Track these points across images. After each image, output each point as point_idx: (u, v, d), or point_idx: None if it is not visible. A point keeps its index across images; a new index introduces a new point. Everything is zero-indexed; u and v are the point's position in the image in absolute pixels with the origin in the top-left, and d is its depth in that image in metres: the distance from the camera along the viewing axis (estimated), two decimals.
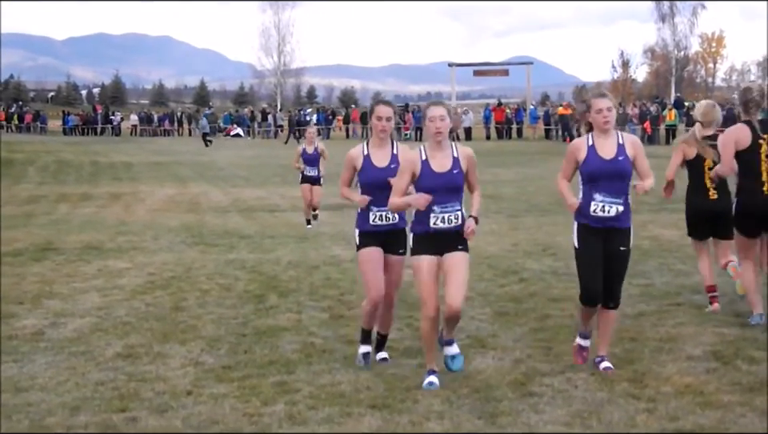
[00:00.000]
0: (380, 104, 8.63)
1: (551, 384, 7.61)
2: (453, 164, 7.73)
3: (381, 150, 8.49)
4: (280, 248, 16.11)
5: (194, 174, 37.32)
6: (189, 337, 9.63)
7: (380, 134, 8.43)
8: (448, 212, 7.67)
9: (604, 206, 7.88)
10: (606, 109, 7.90)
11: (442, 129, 7.73)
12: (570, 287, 11.74)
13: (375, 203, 8.32)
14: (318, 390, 7.66)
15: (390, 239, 8.44)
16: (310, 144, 19.68)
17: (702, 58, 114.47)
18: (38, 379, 8.18)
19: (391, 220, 8.38)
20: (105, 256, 15.33)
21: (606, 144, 7.94)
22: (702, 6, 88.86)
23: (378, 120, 8.43)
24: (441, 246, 7.71)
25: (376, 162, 8.41)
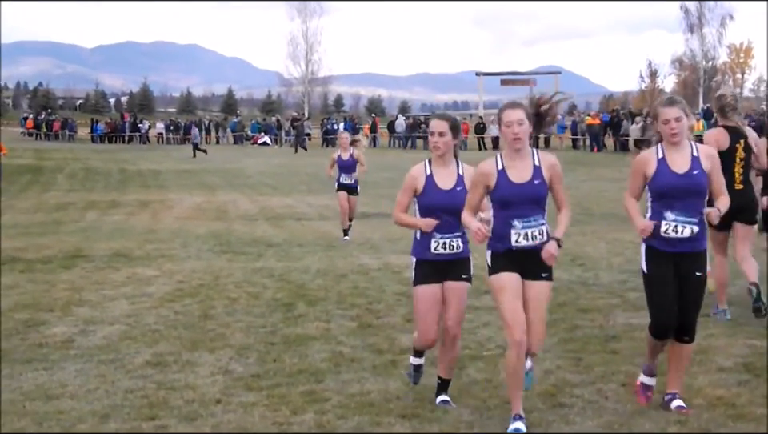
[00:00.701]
0: (434, 118, 7.69)
1: (581, 395, 7.57)
2: (534, 173, 6.89)
3: (445, 169, 7.53)
4: (308, 257, 16.12)
5: (221, 183, 37.44)
6: (218, 345, 9.64)
7: (433, 151, 7.49)
8: (531, 227, 6.85)
9: (677, 226, 7.07)
10: (674, 119, 7.07)
11: (520, 134, 6.87)
12: (598, 297, 11.72)
13: (438, 229, 7.41)
14: (347, 399, 7.65)
15: (452, 267, 7.56)
16: (345, 150, 18.92)
17: (730, 68, 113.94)
18: (68, 386, 8.21)
19: (455, 249, 7.51)
20: (133, 264, 15.38)
21: (679, 157, 7.08)
22: (731, 17, 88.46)
23: (431, 135, 7.54)
24: (523, 267, 6.90)
25: (440, 184, 7.46)
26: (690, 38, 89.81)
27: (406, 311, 11.15)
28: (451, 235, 7.42)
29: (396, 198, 7.63)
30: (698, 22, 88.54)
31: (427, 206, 7.44)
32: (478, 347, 9.37)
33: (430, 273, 7.46)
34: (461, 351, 8.86)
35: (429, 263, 7.46)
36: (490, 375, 8.30)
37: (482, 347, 9.33)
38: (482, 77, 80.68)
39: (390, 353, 9.19)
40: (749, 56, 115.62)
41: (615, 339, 9.53)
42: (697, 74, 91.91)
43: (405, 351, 9.22)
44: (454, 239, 7.47)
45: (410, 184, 7.49)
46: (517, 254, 6.87)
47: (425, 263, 7.47)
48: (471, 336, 9.82)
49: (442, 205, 7.38)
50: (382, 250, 16.89)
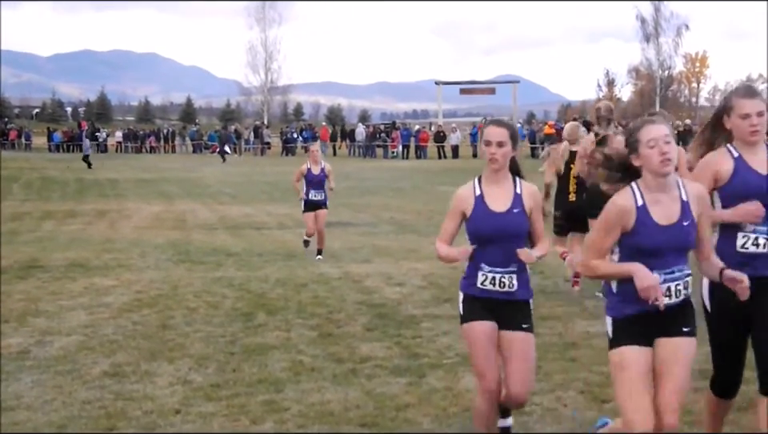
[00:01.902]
0: (490, 125, 6.26)
1: (541, 403, 7.61)
2: (682, 211, 5.34)
3: (498, 188, 6.17)
4: (268, 266, 16.09)
5: (180, 192, 37.27)
6: (176, 355, 9.59)
7: (491, 165, 6.12)
8: (676, 280, 5.39)
9: (757, 238, 5.80)
10: (755, 114, 5.75)
11: (669, 155, 5.24)
12: (557, 305, 11.78)
13: (487, 260, 6.09)
14: (307, 408, 7.65)
15: (507, 311, 6.16)
16: (316, 164, 16.99)
17: (686, 77, 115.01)
18: (24, 398, 8.14)
19: (507, 287, 6.10)
20: (91, 274, 15.27)
21: (757, 158, 5.84)
22: (686, 27, 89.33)
23: (486, 145, 6.15)
24: (657, 328, 5.41)
25: (492, 206, 6.12)
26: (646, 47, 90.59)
27: (366, 320, 11.17)
28: (502, 269, 6.08)
29: None
30: (655, 32, 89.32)
31: (476, 234, 6.15)
32: (437, 355, 9.39)
33: (478, 310, 6.15)
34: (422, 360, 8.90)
35: (476, 300, 6.17)
36: (449, 383, 8.32)
37: (441, 356, 9.35)
38: (441, 86, 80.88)
39: (350, 362, 9.19)
40: (704, 65, 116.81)
41: (574, 346, 9.59)
42: (653, 83, 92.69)
43: (365, 359, 9.25)
44: (507, 275, 6.10)
45: (456, 208, 6.23)
46: (654, 317, 5.37)
47: (473, 299, 6.19)
48: (431, 344, 9.84)
49: (492, 231, 6.07)
50: (343, 259, 16.88)
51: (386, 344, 9.89)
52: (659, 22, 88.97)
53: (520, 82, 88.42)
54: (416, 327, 10.73)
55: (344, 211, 26.72)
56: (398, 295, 12.81)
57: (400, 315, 11.41)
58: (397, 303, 12.23)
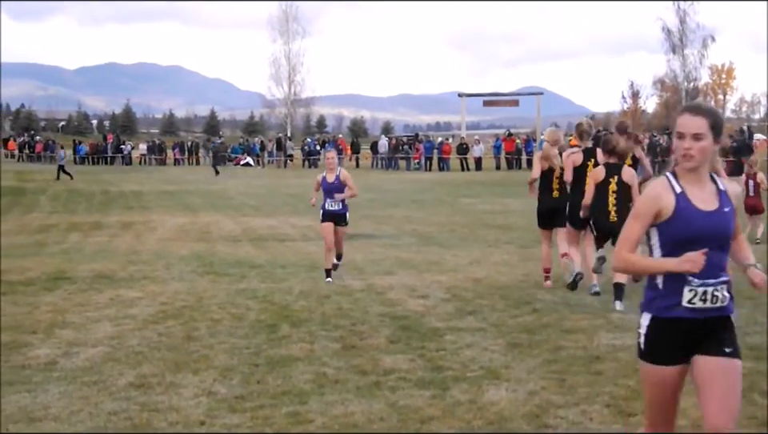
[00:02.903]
0: (685, 112, 5.11)
1: (566, 416, 7.58)
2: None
3: (699, 184, 5.17)
4: (291, 278, 16.11)
5: (204, 204, 37.38)
6: (201, 367, 9.62)
7: (684, 162, 5.08)
8: (715, 283, 5.08)
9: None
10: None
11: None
12: (582, 318, 11.73)
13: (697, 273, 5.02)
14: (331, 420, 7.65)
15: (711, 332, 5.15)
16: (332, 171, 15.89)
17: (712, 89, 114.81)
18: (52, 408, 8.18)
19: (719, 301, 5.10)
20: (117, 285, 15.34)
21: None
22: (712, 38, 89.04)
23: (679, 138, 5.13)
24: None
25: (699, 204, 5.11)
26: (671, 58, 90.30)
27: (390, 332, 11.16)
28: (714, 280, 5.09)
29: None
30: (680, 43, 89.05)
31: (684, 237, 5.09)
32: (461, 368, 9.37)
33: (670, 345, 5.19)
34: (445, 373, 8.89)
35: (672, 324, 5.17)
36: (473, 396, 8.29)
37: (465, 368, 9.33)
38: (464, 98, 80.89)
39: (373, 374, 9.18)
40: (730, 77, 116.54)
41: (599, 359, 9.55)
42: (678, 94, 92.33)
43: (388, 372, 9.24)
44: (719, 286, 5.11)
45: (650, 207, 5.17)
46: None
47: (666, 325, 5.18)
48: (454, 357, 9.83)
49: (706, 232, 5.07)
50: (366, 271, 16.89)
51: (410, 357, 9.88)
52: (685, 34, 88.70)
53: (544, 93, 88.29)
54: (439, 339, 10.72)
55: (366, 223, 26.74)
56: (422, 308, 12.80)
57: (423, 328, 11.40)
58: (420, 316, 12.22)
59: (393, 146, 69.52)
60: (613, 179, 12.73)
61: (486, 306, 12.76)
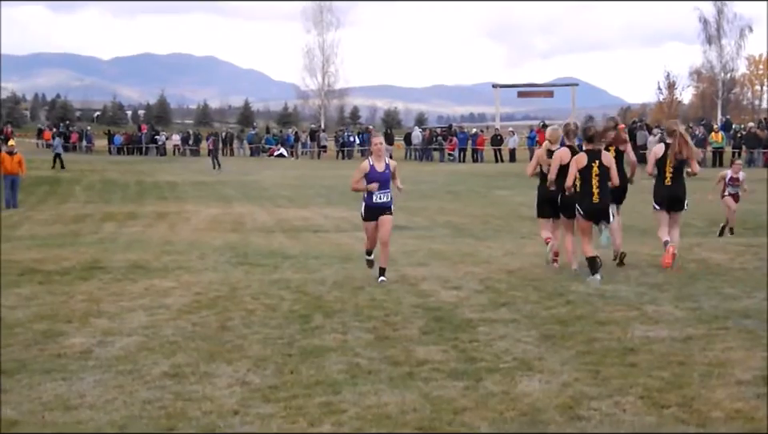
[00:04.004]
0: None
1: (599, 408, 7.57)
2: None
3: None
4: (324, 268, 16.15)
5: (238, 194, 37.57)
6: (235, 357, 9.67)
7: None
8: None
9: None
10: None
11: None
12: (616, 310, 11.70)
13: None
14: (364, 411, 7.67)
15: None
16: (380, 159, 14.39)
17: (749, 80, 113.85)
18: (87, 397, 8.25)
19: None
20: (151, 275, 15.44)
21: None
22: (749, 28, 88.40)
23: None
24: None
25: None
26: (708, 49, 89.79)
27: (423, 323, 11.17)
28: None
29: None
30: (717, 34, 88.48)
31: None
32: (494, 359, 9.37)
33: None
34: None
35: None
36: (506, 387, 8.28)
37: (498, 360, 9.33)
38: (498, 89, 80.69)
39: (406, 365, 9.20)
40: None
41: (633, 351, 9.52)
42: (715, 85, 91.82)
43: (421, 363, 9.25)
44: None
45: None
46: None
47: None
48: (487, 348, 9.82)
49: None
50: (398, 262, 16.89)
51: (443, 348, 9.89)
52: (722, 24, 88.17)
53: (579, 84, 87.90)
54: (472, 331, 10.72)
55: (400, 215, 26.75)
56: (455, 299, 12.80)
57: (456, 319, 11.40)
58: (453, 307, 12.23)
59: (427, 138, 69.42)
60: (594, 164, 14.07)
61: (520, 297, 12.74)
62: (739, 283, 13.42)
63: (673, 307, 11.78)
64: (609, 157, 14.34)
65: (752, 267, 14.99)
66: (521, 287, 13.53)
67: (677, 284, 13.44)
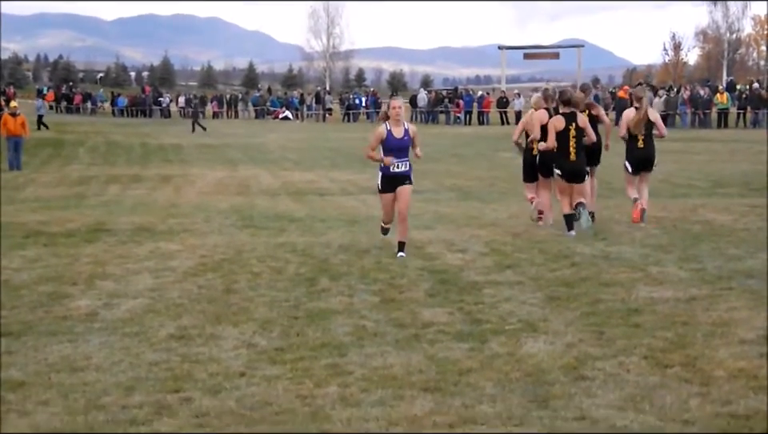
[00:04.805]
0: None
1: (603, 368, 7.63)
2: None
3: None
4: (330, 232, 16.18)
5: (243, 157, 37.56)
6: (241, 319, 9.73)
7: None
8: None
9: None
10: None
11: None
12: (621, 271, 11.75)
13: None
14: (370, 372, 7.73)
15: None
16: (398, 124, 13.24)
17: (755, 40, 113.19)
18: (93, 359, 8.31)
19: None
20: (156, 238, 15.49)
21: None
22: None
23: None
24: None
25: None
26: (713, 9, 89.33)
27: (428, 286, 11.23)
28: None
29: None
30: None
31: None
32: (499, 321, 9.43)
33: None
34: None
35: None
36: (511, 349, 8.35)
37: (503, 322, 9.39)
38: (504, 50, 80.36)
39: (412, 327, 9.26)
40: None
41: (637, 312, 9.58)
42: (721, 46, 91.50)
43: (427, 325, 9.31)
44: None
45: None
46: None
47: None
48: (493, 310, 9.88)
49: None
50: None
51: (448, 310, 9.95)
52: None
53: (585, 46, 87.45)
54: (478, 293, 10.77)
55: None
56: (460, 262, 12.84)
57: (462, 281, 11.45)
58: (459, 270, 12.27)
59: (432, 100, 69.26)
60: (572, 126, 14.98)
61: (525, 260, 12.79)
62: (743, 244, 13.48)
63: (677, 268, 11.83)
64: (584, 118, 15.31)
65: (755, 228, 15.04)
66: (526, 250, 13.58)
67: (681, 245, 13.49)
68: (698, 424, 6.30)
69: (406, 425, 6.43)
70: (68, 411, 6.86)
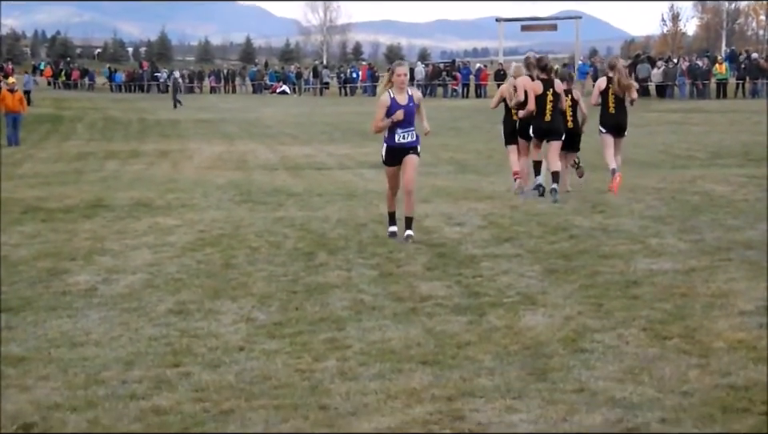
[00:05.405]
0: None
1: (602, 340, 7.63)
2: None
3: None
4: (328, 206, 16.17)
5: (241, 132, 37.53)
6: (240, 294, 9.73)
7: None
8: None
9: None
10: None
11: None
12: (619, 244, 11.73)
13: None
14: (368, 346, 7.73)
15: None
16: (402, 91, 12.50)
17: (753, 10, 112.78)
18: (92, 334, 8.33)
19: None
20: (155, 213, 15.48)
21: None
22: None
23: None
24: None
25: None
26: None
27: (426, 259, 11.22)
28: None
29: None
30: None
31: None
32: (498, 294, 9.42)
33: None
34: None
35: None
36: (510, 321, 8.35)
37: (501, 295, 9.39)
38: (502, 23, 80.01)
39: (410, 301, 9.26)
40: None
41: (636, 284, 9.57)
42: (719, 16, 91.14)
43: (425, 298, 9.31)
44: None
45: None
46: None
47: None
48: (491, 283, 9.88)
49: None
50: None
51: (446, 283, 9.95)
52: None
53: (582, 17, 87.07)
54: (476, 266, 10.77)
55: None
56: (458, 235, 12.83)
57: (460, 255, 11.45)
58: (457, 243, 12.26)
59: (430, 74, 69.06)
60: (549, 92, 16.10)
61: (523, 232, 12.78)
62: (742, 215, 13.46)
63: (676, 239, 11.82)
64: (560, 85, 16.41)
65: (754, 199, 15.01)
66: (524, 222, 13.56)
67: (680, 217, 13.47)
68: (696, 396, 6.30)
69: (405, 398, 6.43)
70: (68, 386, 6.87)
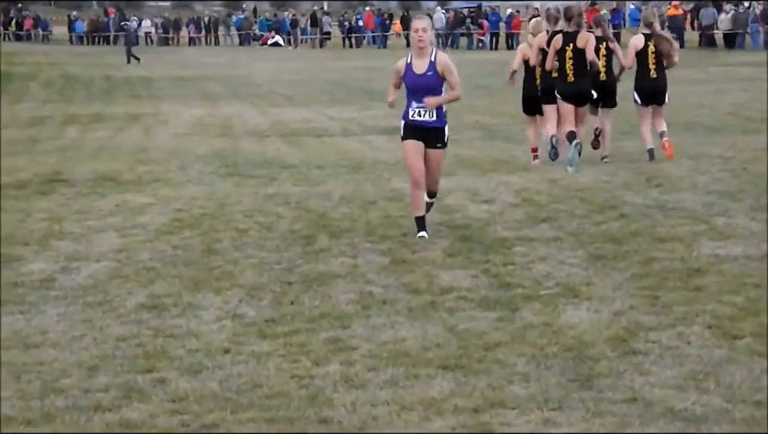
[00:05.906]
0: None
1: (659, 340, 7.59)
2: None
3: None
4: (330, 180, 16.16)
5: (225, 92, 37.52)
6: (224, 285, 9.72)
7: None
8: None
9: None
10: None
11: None
12: (680, 224, 11.71)
13: None
14: (378, 348, 7.71)
15: None
16: (422, 55, 11.36)
17: None
18: (50, 333, 8.31)
19: None
20: (123, 189, 15.49)
21: None
22: None
23: None
24: None
25: None
26: None
27: (447, 243, 11.20)
28: None
29: None
30: None
31: None
32: (533, 285, 9.40)
33: None
34: None
35: None
36: (547, 318, 8.32)
37: (538, 286, 9.37)
38: None
39: (428, 294, 9.24)
40: None
41: (699, 273, 9.54)
42: None
43: (446, 290, 9.29)
44: None
45: None
46: None
47: None
48: (525, 272, 9.86)
49: None
50: None
51: (471, 272, 9.92)
52: None
53: None
54: (507, 251, 10.75)
55: None
56: (486, 215, 12.82)
57: (488, 238, 11.43)
58: (484, 224, 12.25)
59: (451, 22, 68.84)
60: (569, 47, 16.01)
61: (563, 211, 12.75)
62: None
63: (748, 219, 11.78)
64: (584, 39, 16.17)
65: None
66: (565, 199, 13.54)
67: (752, 192, 13.42)
68: None
69: (422, 410, 6.41)
70: (20, 396, 6.85)
